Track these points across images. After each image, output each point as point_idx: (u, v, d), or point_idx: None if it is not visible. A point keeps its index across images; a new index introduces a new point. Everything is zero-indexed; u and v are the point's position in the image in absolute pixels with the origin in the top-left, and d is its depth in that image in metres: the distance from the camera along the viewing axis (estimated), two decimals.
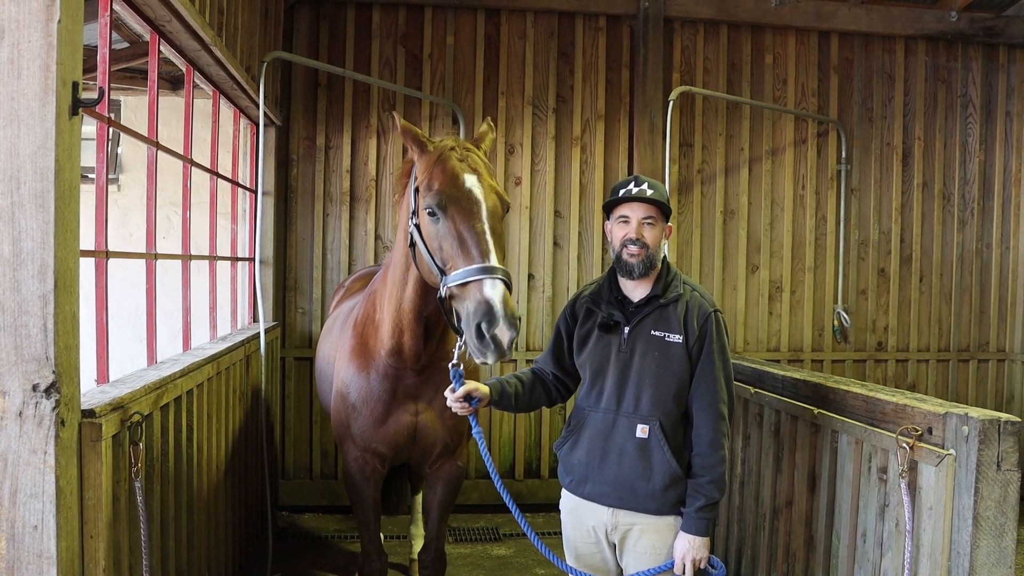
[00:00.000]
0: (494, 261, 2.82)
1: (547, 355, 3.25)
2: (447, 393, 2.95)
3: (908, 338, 7.16)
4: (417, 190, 3.07)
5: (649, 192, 2.95)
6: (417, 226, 3.07)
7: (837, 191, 7.02)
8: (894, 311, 7.12)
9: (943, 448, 2.88)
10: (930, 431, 2.96)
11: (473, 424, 3.04)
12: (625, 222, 2.99)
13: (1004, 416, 2.76)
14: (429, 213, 2.96)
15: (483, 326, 2.72)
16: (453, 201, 2.93)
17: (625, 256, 2.96)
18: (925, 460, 2.93)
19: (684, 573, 2.90)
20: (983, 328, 7.26)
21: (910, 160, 7.12)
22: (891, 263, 7.11)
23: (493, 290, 2.75)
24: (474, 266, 2.80)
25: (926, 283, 7.16)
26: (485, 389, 2.99)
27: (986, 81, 7.23)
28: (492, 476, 2.99)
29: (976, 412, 2.82)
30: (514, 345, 2.80)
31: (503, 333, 2.72)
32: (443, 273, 2.92)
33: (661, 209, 2.99)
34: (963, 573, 2.77)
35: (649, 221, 2.97)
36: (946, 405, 3.02)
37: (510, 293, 2.82)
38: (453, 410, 2.96)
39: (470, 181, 2.99)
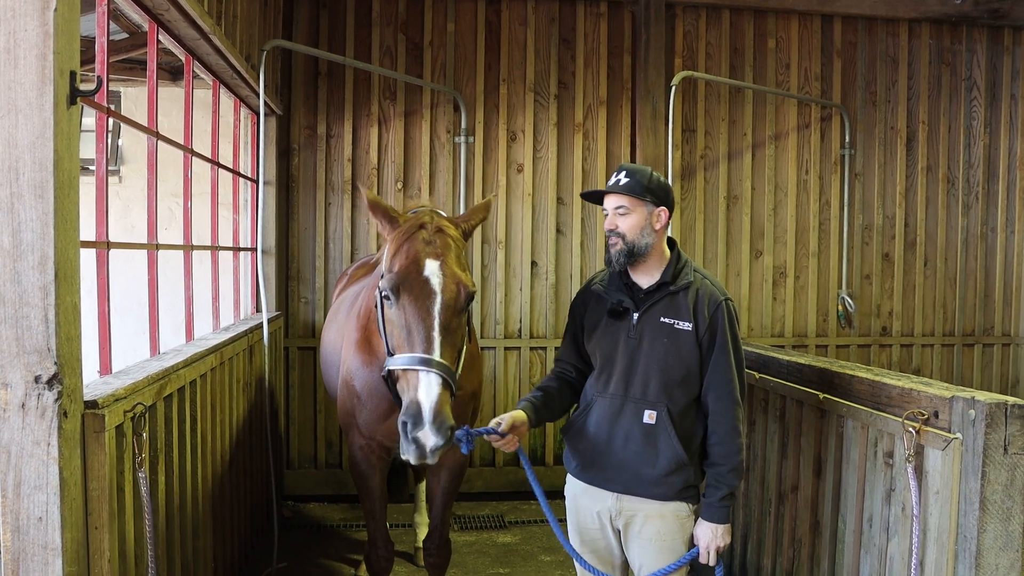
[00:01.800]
0: (436, 354, 2.73)
1: (567, 345, 3.23)
2: (494, 443, 2.89)
3: (913, 323, 7.14)
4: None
5: (624, 181, 2.97)
6: (383, 298, 3.00)
7: (841, 176, 6.99)
8: (898, 296, 7.10)
9: (949, 432, 2.86)
10: (936, 415, 2.94)
11: (521, 455, 3.04)
12: (607, 215, 3.02)
13: (1011, 399, 2.75)
14: (384, 297, 2.91)
15: (408, 426, 2.66)
16: (408, 289, 2.84)
17: (608, 246, 3.00)
18: (931, 444, 2.92)
19: (708, 562, 2.93)
20: (988, 312, 7.24)
21: (914, 144, 7.09)
22: (895, 248, 7.08)
23: (427, 390, 2.67)
24: (414, 355, 2.74)
25: (931, 267, 7.14)
26: (522, 415, 2.94)
27: (991, 64, 7.18)
28: (539, 499, 3.08)
29: (983, 395, 2.80)
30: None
31: (427, 438, 2.63)
32: (390, 354, 2.90)
33: (636, 195, 2.96)
34: (970, 557, 2.76)
35: (621, 211, 2.96)
36: (952, 389, 3.00)
37: (451, 392, 2.74)
38: (503, 449, 2.93)
39: (430, 268, 2.86)
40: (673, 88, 6.26)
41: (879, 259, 7.07)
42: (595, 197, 3.11)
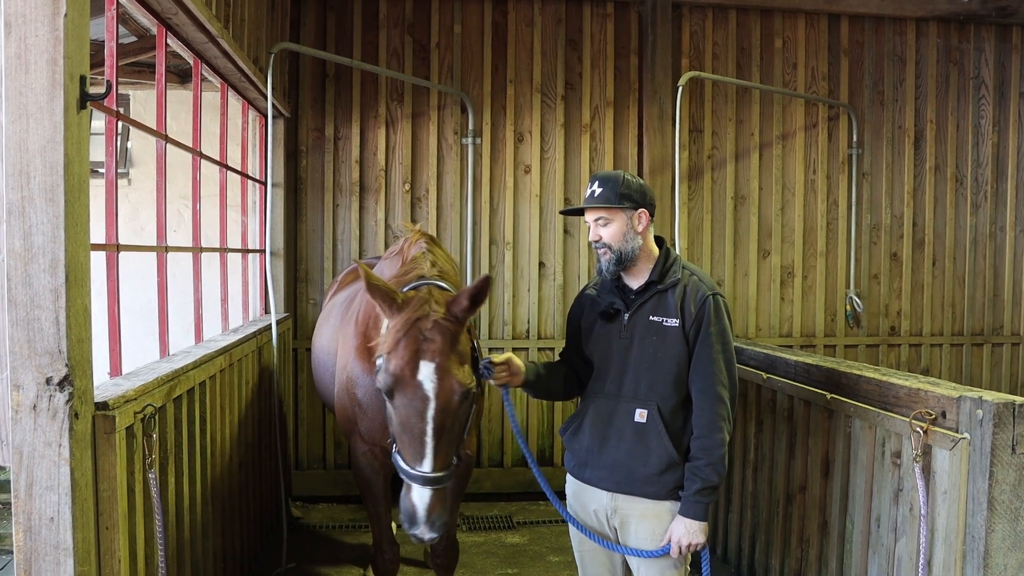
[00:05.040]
0: (427, 468, 2.77)
1: (569, 348, 3.27)
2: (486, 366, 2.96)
3: (921, 322, 7.12)
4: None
5: (598, 192, 3.00)
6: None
7: (848, 175, 6.97)
8: (907, 295, 7.08)
9: (957, 432, 2.86)
10: (944, 415, 2.94)
11: (505, 396, 3.11)
12: (591, 227, 3.07)
13: (1019, 399, 2.75)
14: (379, 390, 2.90)
15: (405, 524, 2.82)
16: (401, 392, 2.79)
17: (598, 256, 3.06)
18: (939, 444, 2.92)
19: (676, 555, 2.92)
20: (997, 312, 7.22)
21: (922, 143, 7.07)
22: (903, 247, 7.07)
23: (419, 499, 2.78)
24: (408, 468, 2.80)
25: (939, 267, 7.12)
26: (519, 364, 3.02)
27: (999, 62, 7.16)
28: (526, 455, 3.21)
29: (990, 395, 2.80)
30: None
31: (424, 534, 2.81)
32: (395, 445, 2.92)
33: (612, 204, 2.98)
34: (978, 557, 2.76)
35: (601, 222, 3.01)
36: (960, 389, 3.00)
37: (444, 490, 2.83)
38: (495, 382, 2.99)
39: (424, 372, 2.78)
40: (680, 88, 6.26)
41: (887, 259, 7.05)
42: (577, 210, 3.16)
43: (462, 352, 2.87)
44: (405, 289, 3.07)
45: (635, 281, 3.05)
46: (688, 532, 2.87)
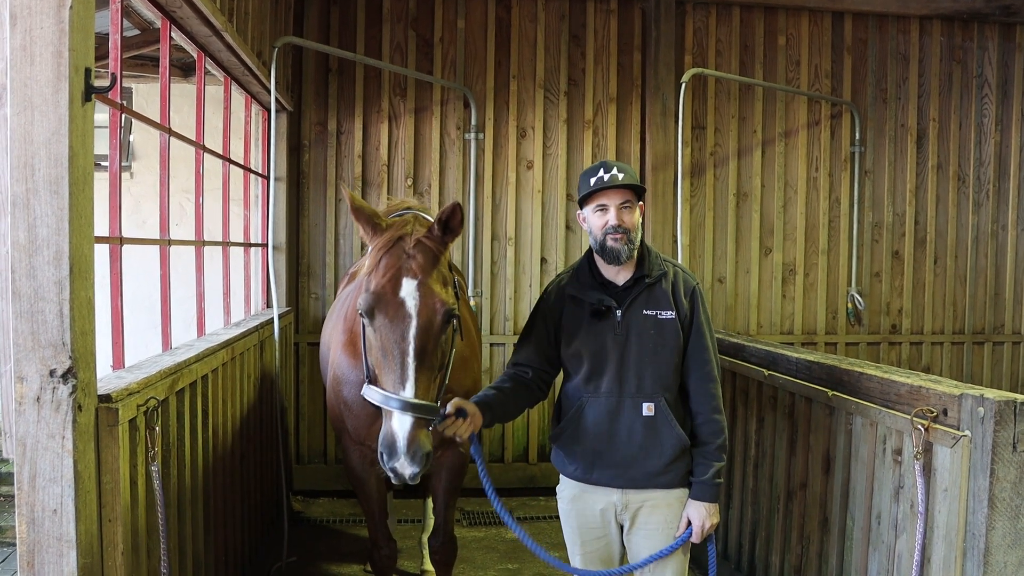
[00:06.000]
0: (408, 392, 2.62)
1: (531, 350, 3.17)
2: (440, 428, 2.81)
3: (922, 320, 7.12)
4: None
5: (621, 177, 2.94)
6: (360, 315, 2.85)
7: (851, 173, 6.97)
8: (908, 293, 7.08)
9: (958, 429, 2.86)
10: (945, 413, 2.95)
11: (474, 449, 3.03)
12: (603, 210, 2.97)
13: (1020, 397, 2.75)
14: (360, 315, 2.78)
15: (384, 456, 2.64)
16: (382, 311, 2.69)
17: (610, 243, 2.94)
18: (940, 442, 2.92)
19: (697, 540, 2.97)
20: (998, 310, 7.22)
21: (925, 142, 7.06)
22: (905, 245, 7.07)
23: (400, 426, 2.60)
24: (387, 394, 2.65)
25: (941, 265, 7.12)
26: (473, 409, 2.86)
27: (1002, 61, 7.15)
28: (492, 501, 3.05)
29: (992, 393, 2.80)
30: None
31: (404, 468, 2.61)
32: (369, 377, 2.79)
33: (635, 191, 2.99)
34: (978, 554, 2.76)
35: (627, 206, 2.97)
36: (961, 386, 3.00)
37: (429, 423, 2.67)
38: (453, 437, 2.85)
39: (406, 289, 2.70)
40: (683, 85, 6.25)
41: (889, 257, 7.05)
42: (585, 193, 3.03)
43: (444, 274, 2.82)
44: (391, 218, 3.03)
45: (621, 277, 3.03)
46: (709, 514, 2.95)
